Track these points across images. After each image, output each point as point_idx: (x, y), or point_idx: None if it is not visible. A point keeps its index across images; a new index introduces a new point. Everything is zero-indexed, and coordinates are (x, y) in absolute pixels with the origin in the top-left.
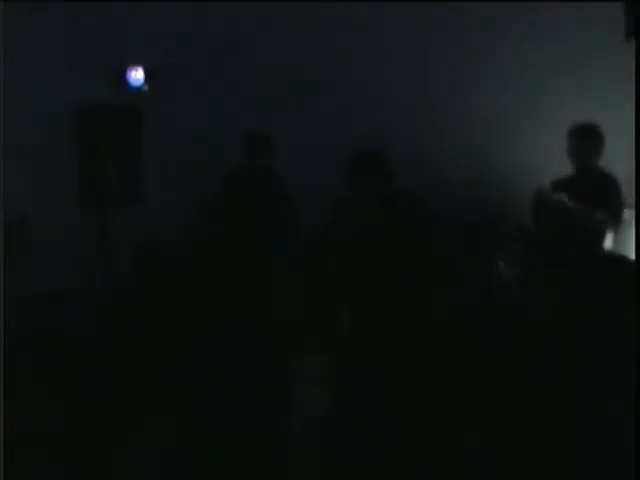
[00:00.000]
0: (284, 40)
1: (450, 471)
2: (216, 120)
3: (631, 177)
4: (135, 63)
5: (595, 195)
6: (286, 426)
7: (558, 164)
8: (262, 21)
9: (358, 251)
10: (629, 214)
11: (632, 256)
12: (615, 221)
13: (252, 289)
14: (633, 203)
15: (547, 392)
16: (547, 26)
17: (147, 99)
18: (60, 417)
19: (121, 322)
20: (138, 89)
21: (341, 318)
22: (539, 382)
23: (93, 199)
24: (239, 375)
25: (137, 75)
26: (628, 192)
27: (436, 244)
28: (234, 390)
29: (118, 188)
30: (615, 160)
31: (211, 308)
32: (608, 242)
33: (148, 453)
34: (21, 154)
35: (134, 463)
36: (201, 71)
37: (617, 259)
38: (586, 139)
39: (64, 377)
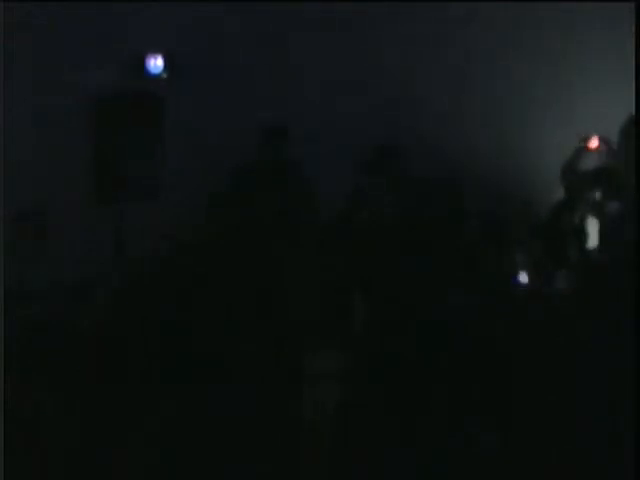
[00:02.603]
0: (303, 30)
1: (454, 466)
2: (235, 109)
3: None
4: (154, 51)
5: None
6: (296, 419)
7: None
8: (280, 11)
9: (374, 240)
10: None
11: None
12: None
13: (265, 282)
14: None
15: (560, 394)
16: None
17: (166, 86)
18: (71, 407)
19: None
20: (157, 76)
21: (354, 309)
22: (552, 383)
23: (112, 190)
24: (251, 368)
25: (156, 63)
26: None
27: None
28: (246, 383)
29: (137, 178)
30: None
31: (222, 302)
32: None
33: (159, 441)
34: (37, 144)
35: (146, 445)
36: (220, 59)
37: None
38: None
39: (74, 370)
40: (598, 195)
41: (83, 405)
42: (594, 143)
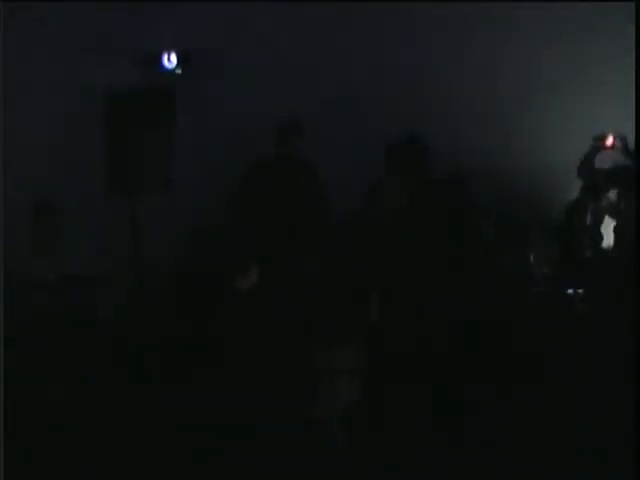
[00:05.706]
0: (318, 28)
1: (467, 464)
2: (248, 105)
3: None
4: (169, 46)
5: None
6: (309, 413)
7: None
8: (295, 9)
9: (389, 236)
10: None
11: None
12: None
13: (279, 277)
14: None
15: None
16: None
17: (180, 82)
18: (77, 401)
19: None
20: (171, 72)
21: (369, 303)
22: (564, 380)
23: (124, 184)
24: (266, 366)
25: (171, 58)
26: None
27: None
28: (261, 380)
29: (149, 173)
30: None
31: (236, 299)
32: None
33: (167, 436)
34: (52, 138)
35: (151, 444)
36: (234, 55)
37: None
38: None
39: (83, 362)
40: (614, 194)
41: (89, 396)
42: (609, 141)
